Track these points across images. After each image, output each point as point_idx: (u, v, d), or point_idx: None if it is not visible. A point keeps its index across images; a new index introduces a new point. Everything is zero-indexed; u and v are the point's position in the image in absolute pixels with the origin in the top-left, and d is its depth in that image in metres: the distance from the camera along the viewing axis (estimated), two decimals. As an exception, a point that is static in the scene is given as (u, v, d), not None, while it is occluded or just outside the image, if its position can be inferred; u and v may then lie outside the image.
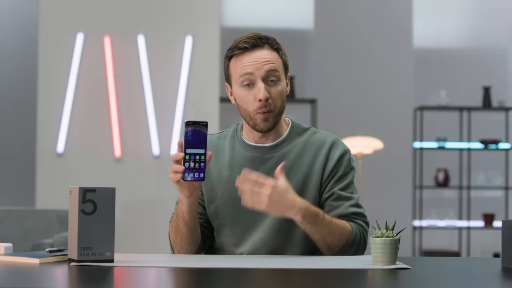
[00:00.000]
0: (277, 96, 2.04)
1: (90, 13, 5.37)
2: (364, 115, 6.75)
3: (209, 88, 5.37)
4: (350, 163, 2.12)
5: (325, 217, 1.96)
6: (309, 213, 1.92)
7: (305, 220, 1.92)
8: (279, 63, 2.06)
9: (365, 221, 2.08)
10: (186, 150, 1.86)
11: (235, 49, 2.05)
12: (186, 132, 1.86)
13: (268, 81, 2.04)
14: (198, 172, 1.88)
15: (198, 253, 2.10)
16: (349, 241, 2.00)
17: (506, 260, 1.79)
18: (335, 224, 1.98)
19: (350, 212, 2.06)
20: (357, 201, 2.09)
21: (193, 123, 1.86)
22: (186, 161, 1.86)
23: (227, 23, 6.56)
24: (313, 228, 1.95)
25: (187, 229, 2.01)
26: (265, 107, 2.02)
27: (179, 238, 2.04)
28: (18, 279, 1.57)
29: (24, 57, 6.05)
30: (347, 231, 2.00)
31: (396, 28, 6.85)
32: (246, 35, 2.07)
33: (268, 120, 2.04)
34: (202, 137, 1.87)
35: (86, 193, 1.74)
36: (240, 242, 2.07)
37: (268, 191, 1.85)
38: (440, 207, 6.82)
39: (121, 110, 5.31)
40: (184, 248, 2.05)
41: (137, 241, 5.20)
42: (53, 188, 5.23)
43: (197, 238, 2.06)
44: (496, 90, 6.86)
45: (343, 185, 2.08)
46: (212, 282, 1.57)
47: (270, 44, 2.07)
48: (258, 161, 2.10)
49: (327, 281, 1.60)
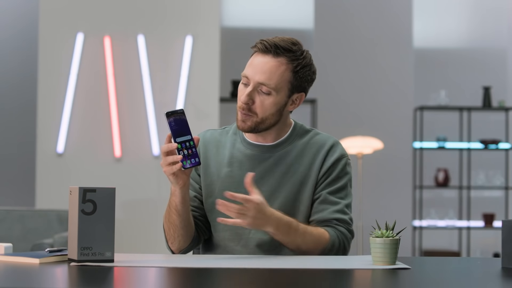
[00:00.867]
0: (262, 106, 2.02)
1: (90, 13, 5.37)
2: (364, 115, 6.75)
3: (209, 88, 5.37)
4: (346, 168, 2.10)
5: (299, 226, 1.97)
6: (282, 224, 1.93)
7: (278, 231, 1.94)
8: (283, 78, 2.02)
9: (348, 228, 2.05)
10: (176, 140, 1.88)
11: (256, 44, 2.05)
12: (169, 123, 1.88)
13: (259, 90, 2.03)
14: (193, 157, 1.90)
15: (192, 245, 2.10)
16: (326, 249, 1.99)
17: (506, 260, 1.79)
18: (310, 233, 1.98)
19: (332, 218, 2.05)
20: (344, 208, 2.06)
21: (172, 113, 1.89)
22: (180, 150, 1.88)
23: (227, 23, 6.56)
24: (286, 238, 1.96)
25: (180, 220, 2.01)
26: (243, 109, 2.03)
27: (172, 229, 2.04)
28: (18, 279, 1.56)
29: (24, 57, 6.05)
30: (323, 239, 1.99)
31: (396, 28, 6.85)
32: (276, 37, 2.04)
33: (245, 122, 2.04)
34: (184, 124, 1.89)
35: (86, 193, 1.74)
36: (235, 237, 2.08)
37: (252, 213, 1.86)
38: (440, 207, 6.82)
39: (121, 110, 5.31)
40: (177, 240, 2.05)
41: (137, 241, 5.20)
42: (53, 188, 5.23)
43: (190, 230, 2.05)
44: (496, 90, 6.86)
45: (333, 189, 2.08)
46: (212, 282, 1.57)
47: (289, 57, 2.02)
48: (257, 160, 2.10)
49: (327, 281, 1.60)
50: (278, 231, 1.93)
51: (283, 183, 2.08)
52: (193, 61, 5.36)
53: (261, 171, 2.09)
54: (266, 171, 2.08)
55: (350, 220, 2.07)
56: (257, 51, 2.04)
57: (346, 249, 2.05)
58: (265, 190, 2.07)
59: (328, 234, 2.01)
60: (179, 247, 2.07)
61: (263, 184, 2.07)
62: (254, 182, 2.05)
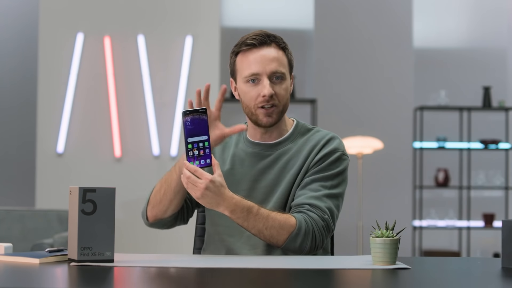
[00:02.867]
0: (282, 93, 2.07)
1: (90, 13, 5.37)
2: (364, 115, 6.75)
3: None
4: (338, 161, 2.09)
5: (259, 211, 1.95)
6: (239, 208, 1.92)
7: (233, 215, 1.93)
8: (284, 62, 2.09)
9: (321, 216, 2.00)
10: (188, 139, 1.87)
11: (242, 45, 2.08)
12: (185, 122, 1.87)
13: (273, 79, 2.07)
14: (203, 158, 1.88)
15: (170, 222, 2.12)
16: (292, 234, 1.96)
17: (506, 260, 1.79)
18: (273, 218, 1.96)
19: (305, 203, 2.02)
20: (323, 196, 2.03)
21: (190, 112, 1.87)
22: (190, 150, 1.87)
23: (227, 23, 6.56)
24: (245, 223, 1.95)
25: (173, 196, 2.05)
26: (268, 102, 2.05)
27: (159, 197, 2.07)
28: (18, 279, 1.57)
29: (24, 57, 6.05)
30: (288, 225, 1.96)
31: (396, 28, 6.84)
32: (254, 32, 2.10)
33: (271, 116, 2.07)
34: (203, 124, 1.87)
35: (86, 193, 1.75)
36: (235, 233, 2.09)
37: (203, 184, 1.86)
38: (440, 207, 6.81)
39: (121, 110, 5.31)
40: (158, 207, 2.08)
41: (137, 241, 5.20)
42: (53, 188, 5.23)
43: (177, 205, 2.08)
44: (496, 90, 6.86)
45: (318, 176, 2.06)
46: (212, 282, 1.57)
47: (277, 42, 2.10)
48: (258, 157, 2.13)
49: (327, 281, 1.60)
50: (234, 214, 1.93)
51: (281, 178, 2.09)
52: (193, 61, 5.36)
53: (261, 168, 2.12)
54: (266, 168, 2.11)
55: (327, 208, 2.02)
56: (248, 48, 2.07)
57: (316, 237, 1.98)
58: (264, 186, 2.09)
59: (294, 219, 1.97)
60: (157, 214, 2.10)
61: (263, 180, 2.10)
62: (254, 179, 2.09)
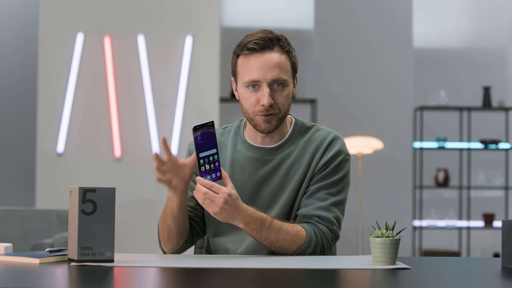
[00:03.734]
0: (282, 101, 2.01)
1: (90, 13, 5.37)
2: (364, 115, 6.75)
3: (209, 88, 5.37)
4: (342, 164, 2.06)
5: (272, 223, 1.93)
6: (253, 221, 1.90)
7: (248, 228, 1.91)
8: (287, 66, 2.02)
9: (330, 227, 2.00)
10: (199, 154, 1.85)
11: (244, 48, 2.01)
12: (195, 137, 1.85)
13: (274, 86, 2.01)
14: (214, 172, 1.87)
15: (185, 247, 2.09)
16: (302, 247, 1.96)
17: (506, 260, 1.79)
18: (285, 230, 1.94)
19: (314, 214, 2.01)
20: (330, 205, 2.02)
21: (200, 127, 1.85)
22: (202, 165, 1.85)
23: (227, 23, 6.56)
24: (258, 234, 1.93)
25: (176, 225, 2.00)
26: (267, 111, 2.00)
27: (166, 232, 2.03)
28: (18, 279, 1.56)
29: (24, 57, 6.05)
30: (299, 238, 1.95)
31: (396, 28, 6.84)
32: (257, 33, 2.02)
33: (270, 123, 2.02)
34: (211, 137, 1.86)
35: (86, 193, 1.74)
36: (237, 241, 2.06)
37: (221, 199, 1.83)
38: (440, 207, 6.81)
39: (121, 110, 5.31)
40: (170, 242, 2.05)
41: (137, 241, 5.20)
42: (53, 188, 5.23)
43: (185, 233, 2.04)
44: (496, 90, 6.86)
45: (324, 184, 2.04)
46: (212, 282, 1.57)
47: (281, 46, 2.02)
48: (260, 162, 2.08)
49: (327, 281, 1.60)
50: (248, 227, 1.91)
51: (284, 184, 2.05)
52: (193, 61, 5.36)
53: (264, 174, 2.07)
54: (268, 174, 2.06)
55: (335, 219, 2.02)
56: (250, 52, 2.01)
57: (325, 249, 1.99)
58: (268, 193, 2.05)
59: (305, 232, 1.96)
60: (171, 249, 2.07)
61: (266, 187, 2.06)
62: (257, 186, 2.04)
